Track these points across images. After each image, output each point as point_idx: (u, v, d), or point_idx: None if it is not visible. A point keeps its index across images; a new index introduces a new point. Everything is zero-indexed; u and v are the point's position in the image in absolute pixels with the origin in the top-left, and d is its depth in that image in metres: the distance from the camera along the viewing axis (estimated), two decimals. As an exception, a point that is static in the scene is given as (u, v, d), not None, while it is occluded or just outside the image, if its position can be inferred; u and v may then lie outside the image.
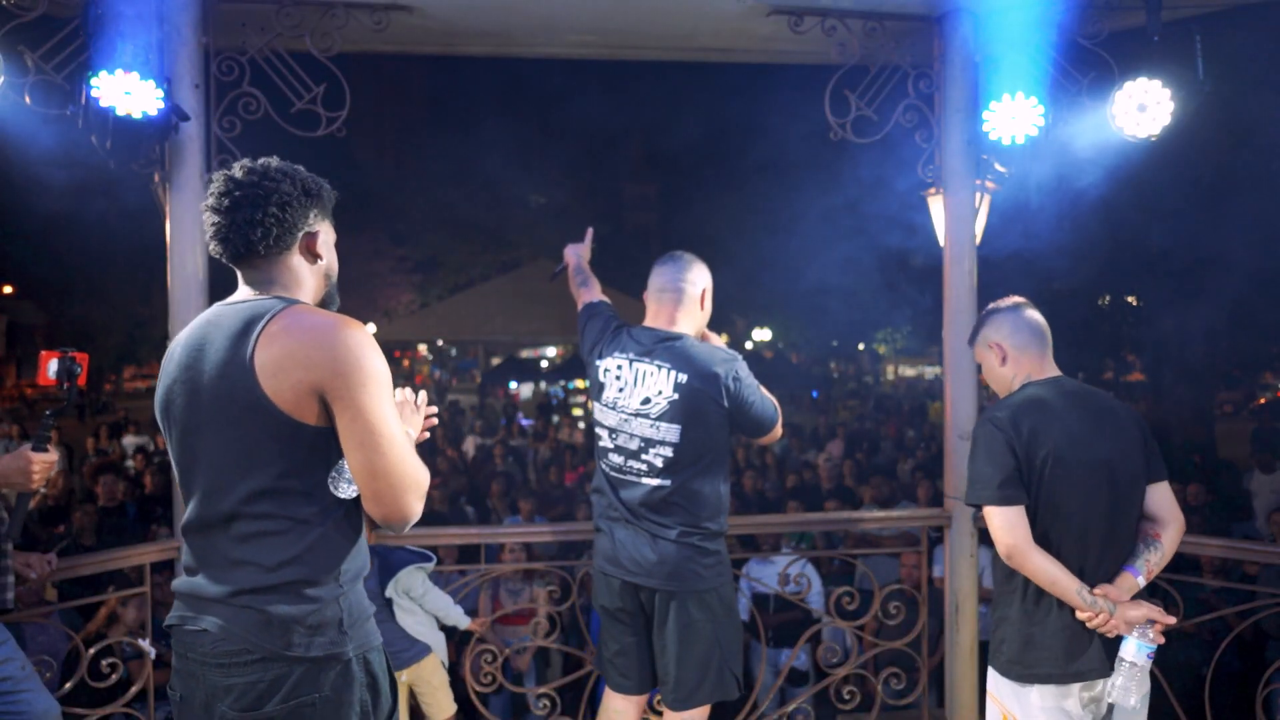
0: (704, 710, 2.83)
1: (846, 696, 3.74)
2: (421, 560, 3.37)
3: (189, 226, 3.31)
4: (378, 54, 4.05)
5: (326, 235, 1.91)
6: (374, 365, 1.71)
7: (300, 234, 1.84)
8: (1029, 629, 2.35)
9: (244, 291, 1.85)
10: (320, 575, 1.75)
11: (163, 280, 3.32)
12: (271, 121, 3.40)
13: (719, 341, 2.99)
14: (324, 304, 1.94)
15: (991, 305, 2.56)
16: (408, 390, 2.03)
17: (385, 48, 3.93)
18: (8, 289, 26.30)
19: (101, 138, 2.95)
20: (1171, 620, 2.32)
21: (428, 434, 2.06)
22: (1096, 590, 2.28)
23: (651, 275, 2.93)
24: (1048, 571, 2.27)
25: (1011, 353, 2.48)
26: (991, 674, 2.44)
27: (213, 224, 1.80)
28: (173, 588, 1.85)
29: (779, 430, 2.91)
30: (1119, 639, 2.29)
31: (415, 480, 1.75)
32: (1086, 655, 2.31)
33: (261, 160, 1.85)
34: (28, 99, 2.96)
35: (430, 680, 3.31)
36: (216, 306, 1.85)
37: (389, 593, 3.48)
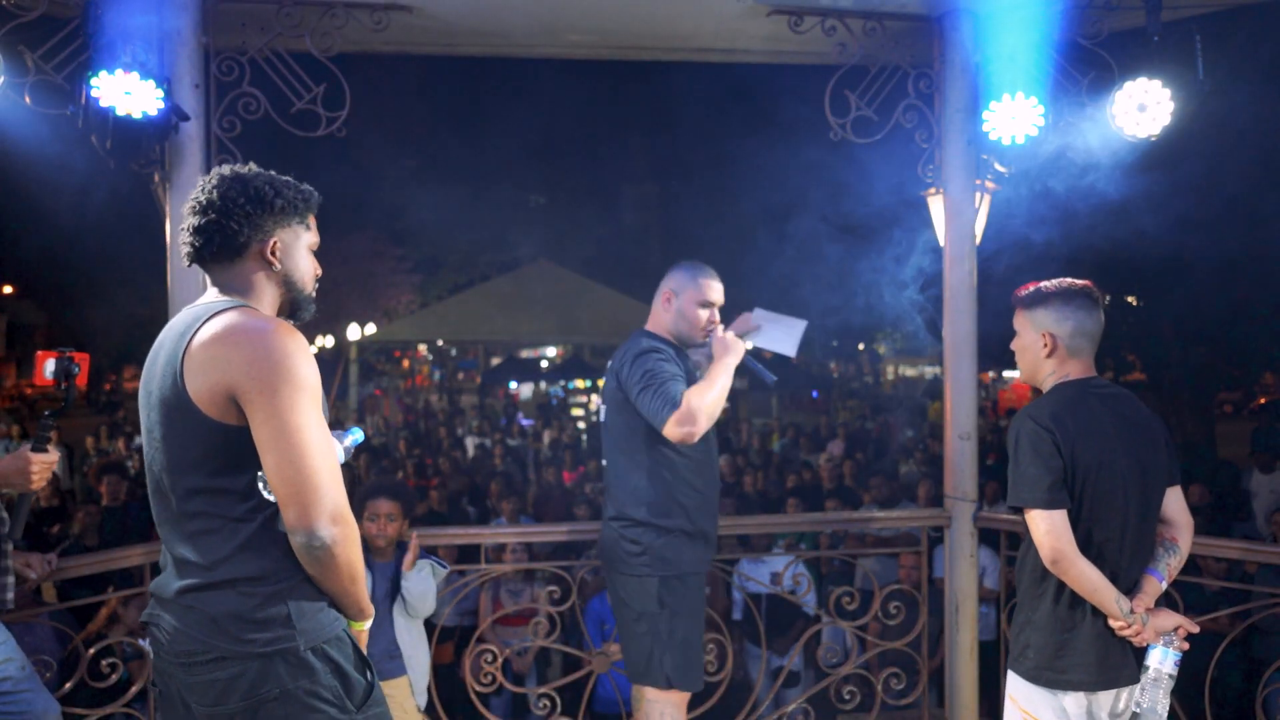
0: (662, 693, 2.90)
1: (846, 696, 3.74)
2: (437, 562, 3.37)
3: (189, 226, 3.30)
4: (378, 54, 4.05)
5: (289, 241, 1.95)
6: (288, 370, 1.73)
7: (253, 242, 1.90)
8: (1061, 635, 2.31)
9: (207, 294, 1.95)
10: (258, 572, 1.77)
11: (163, 280, 3.32)
12: (271, 121, 3.40)
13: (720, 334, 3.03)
14: (292, 310, 2.00)
15: (1061, 285, 2.41)
16: None
17: (385, 48, 3.93)
18: (8, 289, 26.30)
19: (101, 138, 2.96)
20: (1196, 628, 2.32)
21: None
22: (1134, 602, 2.27)
23: None
24: (1090, 580, 2.23)
25: (1062, 351, 2.39)
26: (1014, 678, 2.39)
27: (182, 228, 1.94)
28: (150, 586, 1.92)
29: (672, 430, 2.73)
30: (1146, 647, 2.28)
31: (320, 494, 1.71)
32: (1119, 663, 2.30)
33: (219, 169, 1.94)
34: (28, 99, 2.96)
35: (403, 704, 3.25)
36: (184, 308, 1.94)
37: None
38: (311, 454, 1.72)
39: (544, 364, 25.85)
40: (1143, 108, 3.35)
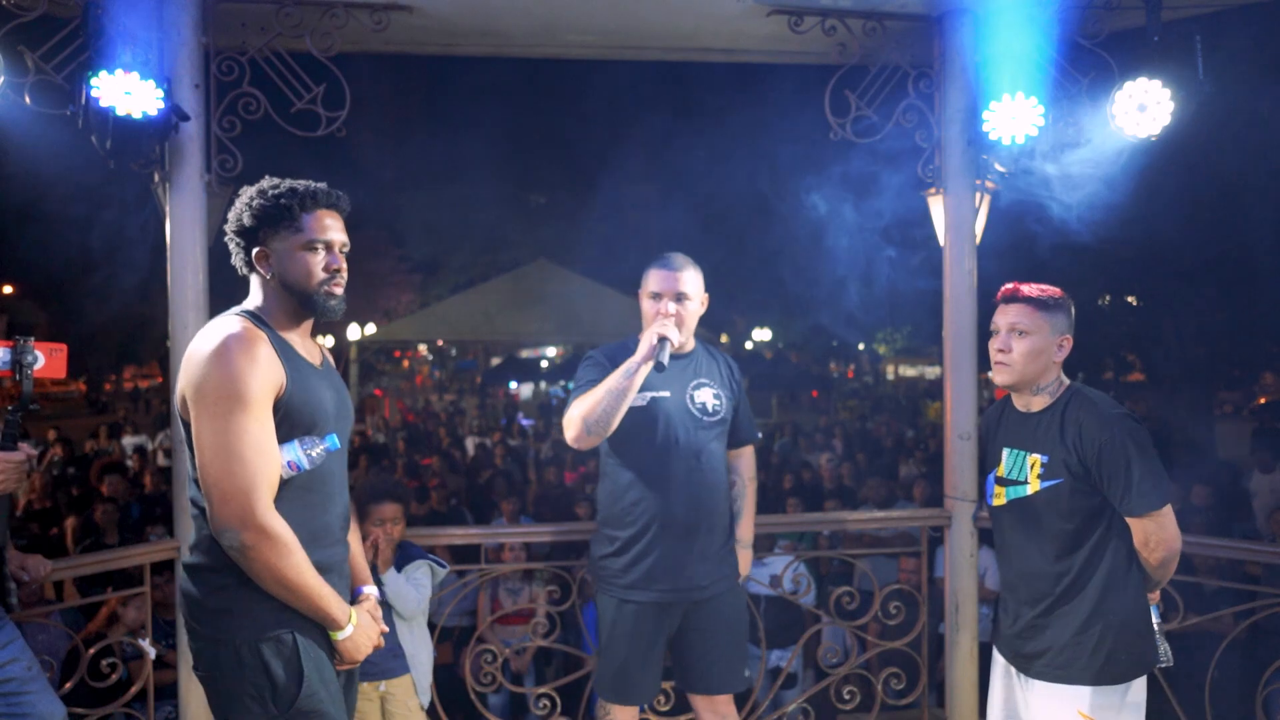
0: (620, 709, 2.88)
1: (846, 697, 3.74)
2: (436, 562, 3.37)
3: (189, 226, 3.31)
4: (378, 54, 4.05)
5: (278, 248, 2.04)
6: (217, 379, 1.85)
7: (251, 255, 2.06)
8: (1138, 625, 2.36)
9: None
10: (213, 563, 1.93)
11: (163, 280, 3.32)
12: (271, 121, 3.40)
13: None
14: (308, 310, 2.08)
15: (1063, 294, 2.47)
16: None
17: (385, 48, 3.93)
18: (8, 289, 26.29)
19: (101, 138, 2.96)
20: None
21: None
22: None
23: None
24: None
25: (1065, 351, 2.44)
26: (1083, 691, 2.30)
27: None
28: None
29: (565, 432, 2.74)
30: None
31: (226, 500, 1.83)
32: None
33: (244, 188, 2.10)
34: (28, 99, 2.96)
35: (406, 703, 3.27)
36: None
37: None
38: (223, 460, 1.83)
39: (544, 364, 25.86)
40: (1143, 108, 3.35)
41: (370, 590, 2.28)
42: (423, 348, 34.13)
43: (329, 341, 22.60)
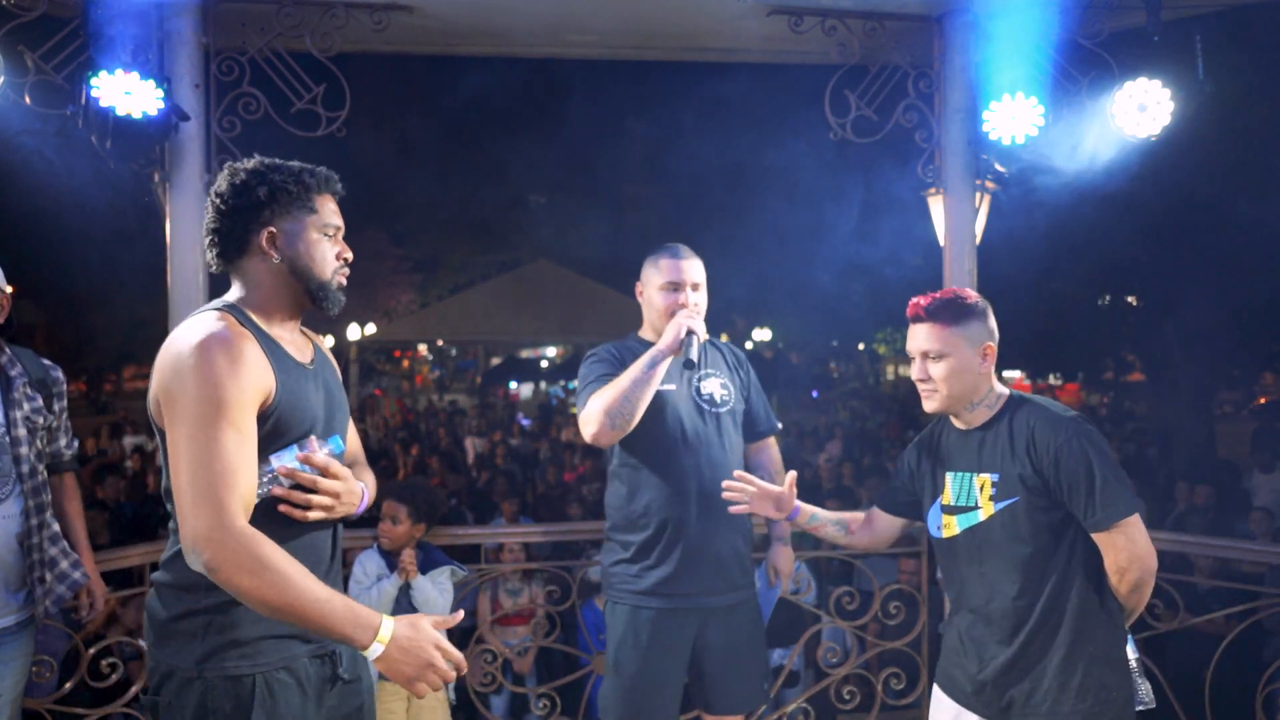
0: None
1: (846, 696, 3.74)
2: (458, 567, 3.39)
3: (189, 226, 3.31)
4: (378, 54, 4.05)
5: (291, 229, 1.84)
6: (190, 385, 1.64)
7: (250, 236, 1.83)
8: (1118, 660, 2.11)
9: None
10: (183, 582, 1.73)
11: (163, 280, 3.32)
12: (271, 121, 3.40)
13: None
14: (313, 301, 1.89)
15: (971, 294, 2.23)
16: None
17: (385, 48, 3.93)
18: (9, 288, 26.19)
19: (101, 138, 2.96)
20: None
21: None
22: None
23: None
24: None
25: (991, 361, 2.20)
26: None
27: None
28: None
29: (582, 433, 2.60)
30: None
31: (186, 517, 1.60)
32: None
33: (225, 167, 1.88)
34: (28, 99, 2.96)
35: (433, 699, 3.28)
36: None
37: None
38: (195, 473, 1.61)
39: (544, 364, 25.86)
40: (1143, 108, 3.36)
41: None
42: (423, 348, 34.12)
43: (329, 341, 22.59)
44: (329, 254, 1.89)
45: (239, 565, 1.58)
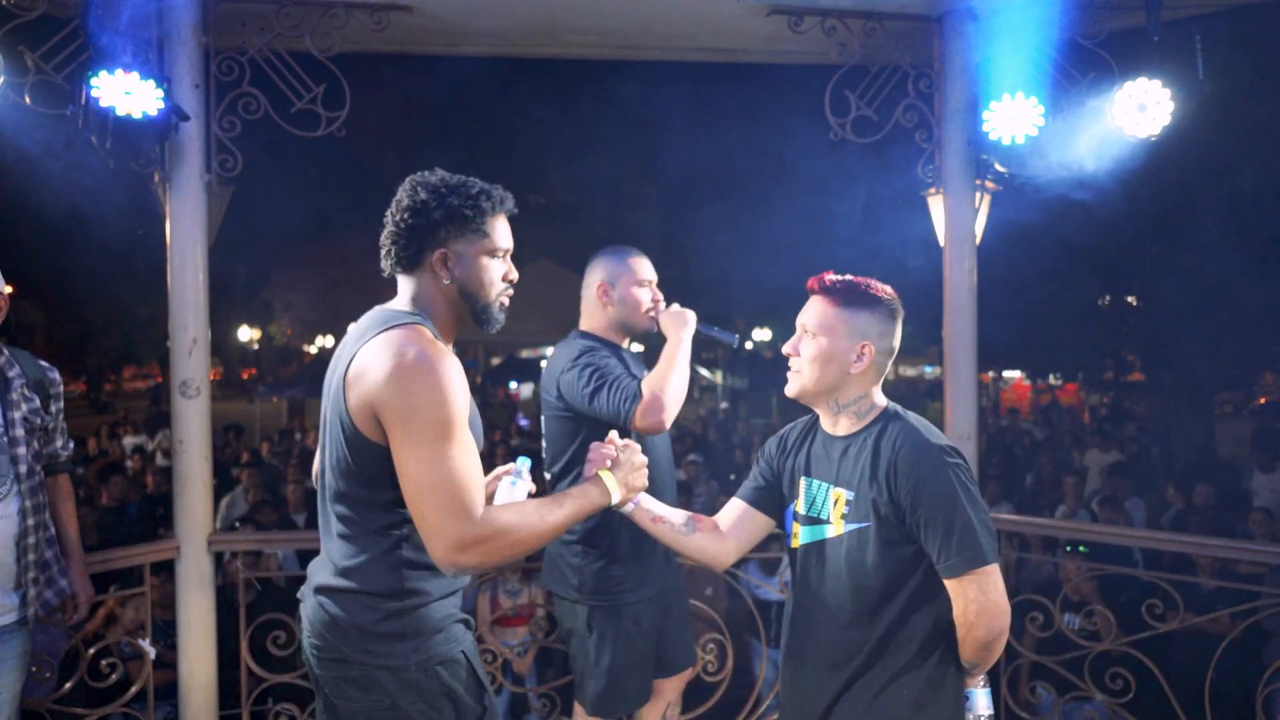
0: (587, 716, 2.78)
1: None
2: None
3: (189, 226, 3.31)
4: (378, 54, 4.05)
5: (463, 251, 1.87)
6: (424, 401, 1.68)
7: (424, 254, 1.86)
8: (960, 707, 1.94)
9: (397, 299, 1.92)
10: (384, 588, 1.79)
11: (163, 280, 3.32)
12: (271, 121, 3.40)
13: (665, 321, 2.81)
14: (475, 321, 1.93)
15: (888, 291, 2.00)
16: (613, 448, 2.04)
17: (385, 48, 3.93)
18: (8, 289, 26.23)
19: (101, 138, 2.96)
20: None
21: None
22: None
23: None
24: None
25: (872, 372, 1.98)
26: None
27: None
28: None
29: (640, 422, 2.50)
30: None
31: (440, 530, 1.67)
32: None
33: (411, 177, 1.91)
34: (28, 99, 2.96)
35: None
36: (375, 308, 1.92)
37: None
38: (433, 489, 1.67)
39: (544, 364, 25.84)
40: (1143, 108, 3.36)
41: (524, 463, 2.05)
42: (423, 348, 34.08)
43: (329, 341, 22.59)
44: (497, 276, 1.94)
45: (500, 550, 1.71)
